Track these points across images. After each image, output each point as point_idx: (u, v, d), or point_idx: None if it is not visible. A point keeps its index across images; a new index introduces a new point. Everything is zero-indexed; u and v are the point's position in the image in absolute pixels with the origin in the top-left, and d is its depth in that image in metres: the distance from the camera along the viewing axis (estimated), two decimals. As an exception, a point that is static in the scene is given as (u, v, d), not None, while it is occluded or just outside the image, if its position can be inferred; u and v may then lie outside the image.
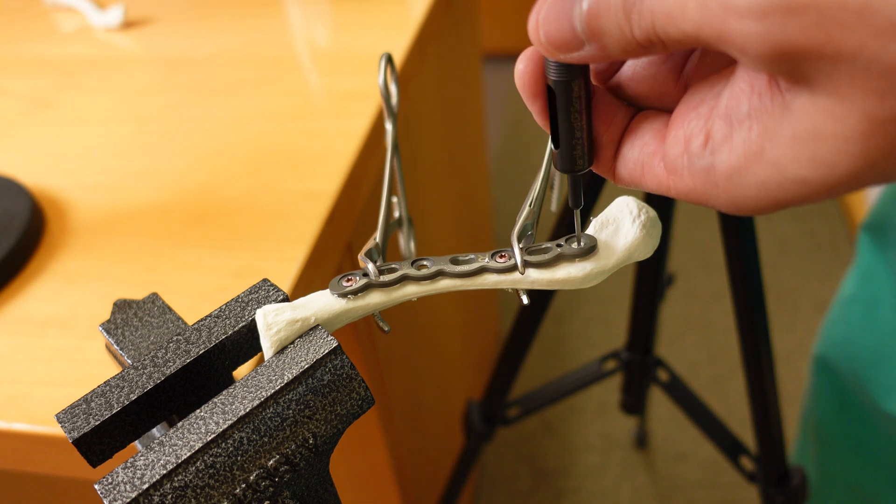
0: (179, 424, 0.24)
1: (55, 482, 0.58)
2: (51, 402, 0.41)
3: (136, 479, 0.22)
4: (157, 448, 0.23)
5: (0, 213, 0.51)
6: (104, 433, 0.25)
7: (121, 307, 0.30)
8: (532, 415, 0.90)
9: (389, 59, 0.34)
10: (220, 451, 0.23)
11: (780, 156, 0.18)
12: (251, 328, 0.27)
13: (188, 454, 0.23)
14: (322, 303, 0.27)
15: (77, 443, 0.24)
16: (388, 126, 0.35)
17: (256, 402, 0.24)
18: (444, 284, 0.27)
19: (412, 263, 0.27)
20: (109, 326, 0.29)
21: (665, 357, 0.98)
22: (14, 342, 0.44)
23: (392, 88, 0.35)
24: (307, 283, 0.47)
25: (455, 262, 0.27)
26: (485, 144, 1.20)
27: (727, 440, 0.83)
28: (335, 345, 0.25)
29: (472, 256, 0.27)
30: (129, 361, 0.28)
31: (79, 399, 0.25)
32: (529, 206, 0.28)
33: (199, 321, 0.27)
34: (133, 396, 0.25)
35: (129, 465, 0.23)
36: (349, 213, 0.54)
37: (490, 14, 2.38)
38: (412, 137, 0.73)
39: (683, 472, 1.35)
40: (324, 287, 0.28)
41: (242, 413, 0.23)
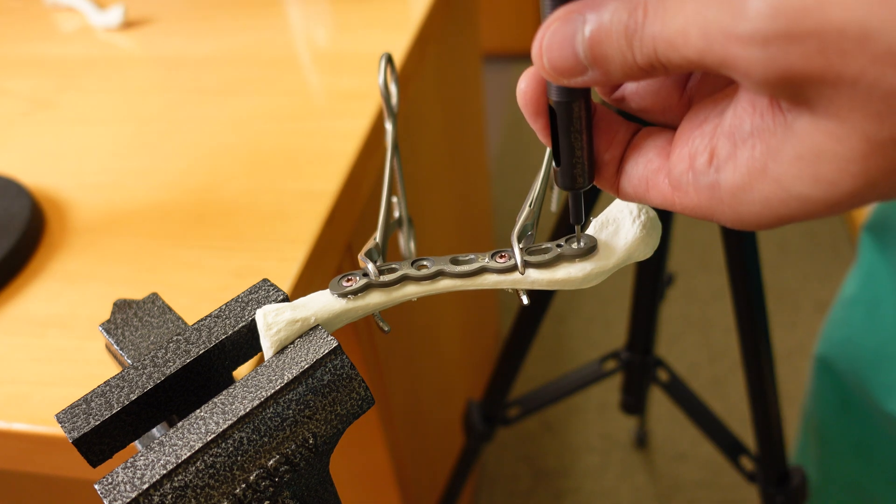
0: (179, 424, 0.24)
1: (55, 482, 0.58)
2: (51, 402, 0.41)
3: (136, 479, 0.22)
4: (157, 448, 0.23)
5: (0, 213, 0.51)
6: (104, 433, 0.25)
7: (121, 307, 0.30)
8: (532, 415, 0.90)
9: (389, 59, 0.34)
10: (220, 451, 0.23)
11: (784, 174, 0.19)
12: (251, 328, 0.27)
13: (188, 454, 0.23)
14: (322, 303, 0.27)
15: (77, 443, 0.24)
16: (388, 126, 0.35)
17: (256, 402, 0.24)
18: (444, 284, 0.27)
19: (412, 263, 0.27)
20: (109, 326, 0.29)
21: (665, 357, 0.98)
22: (14, 342, 0.44)
23: (392, 88, 0.35)
24: (307, 283, 0.47)
25: (455, 262, 0.27)
26: (485, 144, 1.20)
27: (727, 440, 0.83)
28: (335, 345, 0.25)
29: (472, 256, 0.27)
30: (129, 361, 0.28)
31: (79, 399, 0.25)
32: (529, 206, 0.28)
33: (199, 321, 0.27)
34: (133, 396, 0.25)
35: (129, 465, 0.23)
36: (349, 213, 0.54)
37: (490, 14, 2.38)
38: (412, 137, 0.73)
39: (683, 472, 1.35)
40: (324, 287, 0.28)
41: (242, 413, 0.23)
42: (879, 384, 0.73)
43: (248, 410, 0.23)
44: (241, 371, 0.37)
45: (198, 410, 0.24)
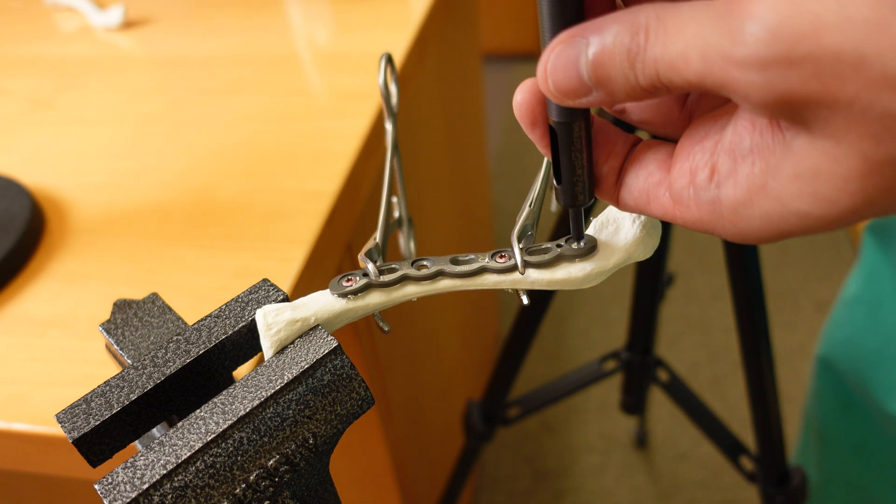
0: (179, 424, 0.24)
1: (55, 482, 0.58)
2: (51, 402, 0.41)
3: (136, 479, 0.22)
4: (157, 448, 0.23)
5: (0, 213, 0.51)
6: (104, 433, 0.25)
7: (121, 307, 0.30)
8: (532, 415, 0.90)
9: (389, 59, 0.34)
10: (220, 451, 0.23)
11: (783, 191, 0.19)
12: (251, 328, 0.27)
13: (188, 454, 0.23)
14: (322, 303, 0.27)
15: (77, 443, 0.24)
16: (388, 126, 0.35)
17: (256, 402, 0.24)
18: (444, 284, 0.27)
19: (412, 263, 0.27)
20: (109, 326, 0.29)
21: (665, 357, 0.98)
22: (14, 342, 0.44)
23: (392, 88, 0.35)
24: (307, 283, 0.47)
25: (455, 263, 0.27)
26: (485, 144, 1.20)
27: (727, 440, 0.83)
28: (335, 345, 0.25)
29: (472, 256, 0.27)
30: (129, 361, 0.28)
31: (79, 399, 0.25)
32: (529, 206, 0.28)
33: (199, 321, 0.27)
34: (133, 396, 0.25)
35: (129, 465, 0.23)
36: (349, 213, 0.54)
37: (490, 14, 2.38)
38: (412, 137, 0.73)
39: (683, 472, 1.35)
40: (324, 287, 0.28)
41: (242, 413, 0.23)
42: (881, 385, 0.73)
43: (248, 410, 0.23)
44: (241, 371, 0.37)
45: (198, 410, 0.24)
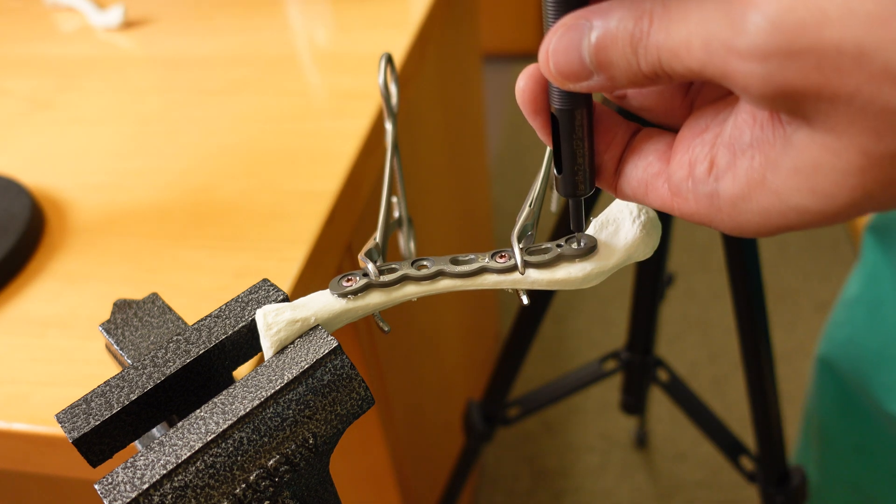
0: (179, 424, 0.24)
1: (55, 482, 0.58)
2: (51, 402, 0.41)
3: (136, 479, 0.22)
4: (157, 448, 0.23)
5: (0, 213, 0.51)
6: (104, 433, 0.25)
7: (121, 307, 0.30)
8: (532, 415, 0.90)
9: (389, 59, 0.34)
10: (220, 451, 0.23)
11: (782, 185, 0.19)
12: (251, 328, 0.27)
13: (188, 454, 0.23)
14: (322, 303, 0.27)
15: (77, 443, 0.24)
16: (388, 126, 0.35)
17: (256, 402, 0.24)
18: (444, 284, 0.27)
19: (412, 263, 0.27)
20: (109, 326, 0.29)
21: (665, 357, 0.98)
22: (14, 342, 0.44)
23: (392, 88, 0.35)
24: (307, 283, 0.47)
25: (455, 263, 0.27)
26: (485, 144, 1.20)
27: (727, 440, 0.83)
28: (335, 345, 0.25)
29: (472, 256, 0.27)
30: (129, 361, 0.28)
31: (79, 399, 0.25)
32: (529, 206, 0.28)
33: (199, 321, 0.27)
34: (133, 396, 0.25)
35: (129, 465, 0.23)
36: (349, 213, 0.54)
37: (490, 14, 2.38)
38: (412, 137, 0.73)
39: (683, 472, 1.35)
40: (324, 287, 0.28)
41: (242, 413, 0.23)
42: (881, 385, 0.73)
43: (248, 410, 0.23)
44: (241, 371, 0.37)
45: (198, 410, 0.24)
